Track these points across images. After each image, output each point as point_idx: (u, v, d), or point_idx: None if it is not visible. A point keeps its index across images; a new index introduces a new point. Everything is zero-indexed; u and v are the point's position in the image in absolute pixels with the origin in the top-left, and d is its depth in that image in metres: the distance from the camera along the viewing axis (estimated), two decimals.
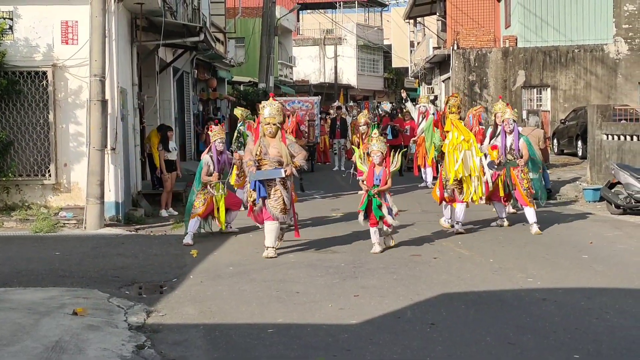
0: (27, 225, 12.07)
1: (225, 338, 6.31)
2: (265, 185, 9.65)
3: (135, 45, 14.84)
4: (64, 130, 12.92)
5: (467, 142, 11.12)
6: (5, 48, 12.52)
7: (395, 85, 58.83)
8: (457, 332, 6.42)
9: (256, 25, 31.80)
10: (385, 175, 9.69)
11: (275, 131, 9.77)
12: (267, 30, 28.44)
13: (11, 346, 5.76)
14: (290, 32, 45.98)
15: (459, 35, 30.17)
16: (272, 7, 29.09)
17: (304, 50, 53.37)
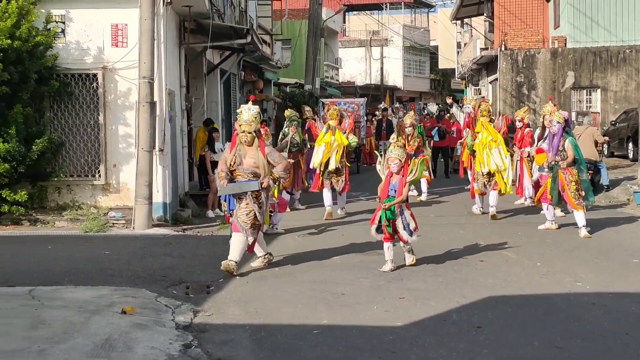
0: (77, 225, 12.29)
1: (271, 338, 6.34)
2: (235, 198, 8.97)
3: (183, 47, 15.02)
4: (113, 131, 13.14)
5: (495, 142, 12.88)
6: (58, 51, 12.78)
7: (441, 86, 58.47)
8: (504, 335, 6.36)
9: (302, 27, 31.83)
10: (401, 185, 8.73)
11: (252, 140, 8.85)
12: (314, 32, 28.49)
13: (62, 343, 5.86)
14: (336, 34, 46.00)
15: (506, 36, 29.86)
16: (318, 8, 29.13)
17: (350, 51, 53.34)
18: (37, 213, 12.74)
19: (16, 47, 11.74)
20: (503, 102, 28.53)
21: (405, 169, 8.77)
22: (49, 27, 12.60)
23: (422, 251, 9.94)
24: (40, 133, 12.49)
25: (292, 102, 27.05)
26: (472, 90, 38.25)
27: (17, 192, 12.18)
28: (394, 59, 53.64)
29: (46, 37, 12.39)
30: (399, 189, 8.70)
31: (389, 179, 8.81)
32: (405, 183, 8.70)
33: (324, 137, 13.61)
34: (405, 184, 8.70)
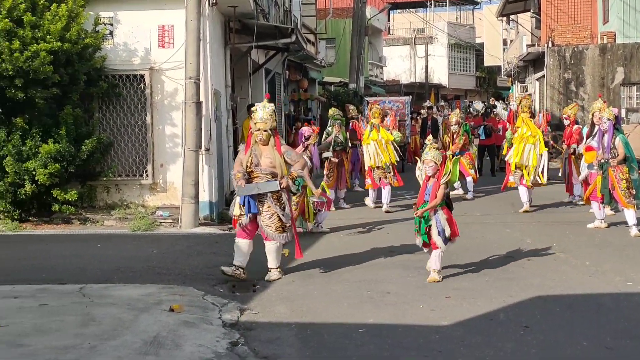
0: (125, 224, 12.48)
1: (317, 337, 6.35)
2: (256, 200, 8.45)
3: (229, 47, 15.14)
4: (160, 131, 13.31)
5: (533, 137, 13.40)
6: (106, 53, 12.99)
7: (487, 84, 57.87)
8: (552, 335, 6.28)
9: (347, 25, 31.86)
10: (436, 188, 8.22)
11: (267, 138, 8.50)
12: (358, 31, 28.46)
13: (112, 340, 5.94)
14: (380, 32, 45.86)
15: (554, 32, 29.42)
16: (362, 7, 29.10)
17: (394, 50, 53.13)
18: (86, 212, 12.98)
19: (66, 49, 11.95)
20: (550, 99, 28.13)
21: (440, 172, 8.27)
22: (98, 29, 12.81)
23: (468, 249, 9.88)
24: (90, 133, 12.71)
25: (336, 101, 27.06)
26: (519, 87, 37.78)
27: (68, 192, 12.40)
28: (439, 56, 53.27)
29: (95, 39, 12.60)
30: (433, 191, 8.21)
31: (426, 182, 8.37)
32: (440, 185, 8.18)
33: (370, 135, 13.96)
34: (439, 186, 8.18)
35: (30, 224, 12.61)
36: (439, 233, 8.19)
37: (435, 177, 8.25)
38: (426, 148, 8.48)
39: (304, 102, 27.79)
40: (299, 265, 9.32)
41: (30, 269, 9.24)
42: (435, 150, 8.35)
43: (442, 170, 8.25)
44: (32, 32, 11.77)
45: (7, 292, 7.70)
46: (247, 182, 8.41)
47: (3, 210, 12.39)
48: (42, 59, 11.52)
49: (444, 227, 8.19)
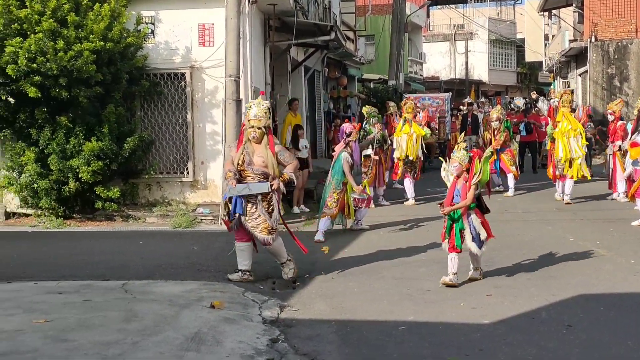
0: (167, 221, 12.61)
1: (357, 334, 6.35)
2: (243, 200, 8.19)
3: (268, 45, 15.18)
4: (200, 129, 13.41)
5: (574, 131, 13.71)
6: (147, 51, 13.13)
7: (528, 80, 57.16)
8: (596, 334, 6.19)
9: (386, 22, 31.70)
10: (465, 189, 7.85)
11: (261, 136, 8.23)
12: (397, 27, 28.32)
13: (154, 336, 6.00)
14: (420, 29, 45.58)
15: (597, 26, 28.94)
16: (402, 4, 28.94)
17: (434, 46, 52.79)
18: (128, 209, 13.14)
19: (109, 48, 12.11)
20: (593, 94, 27.70)
21: (470, 172, 7.87)
22: (139, 29, 12.95)
23: (509, 247, 9.79)
24: (132, 131, 12.86)
25: (375, 98, 26.98)
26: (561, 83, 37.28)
27: (110, 189, 12.58)
28: (479, 52, 52.78)
29: (137, 38, 12.75)
30: (463, 193, 7.84)
31: (455, 184, 7.97)
32: (470, 186, 7.80)
33: (402, 129, 14.51)
34: (469, 187, 7.81)
35: (74, 221, 12.81)
36: (473, 238, 7.87)
37: (463, 179, 7.89)
38: (455, 147, 8.15)
39: (343, 99, 27.76)
40: (338, 262, 9.33)
41: (74, 265, 9.38)
42: (463, 151, 7.95)
43: (472, 170, 7.85)
44: (76, 32, 11.96)
45: (52, 288, 7.84)
46: (238, 181, 8.15)
47: (48, 207, 12.60)
48: (86, 58, 11.70)
49: (479, 231, 7.88)
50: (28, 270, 9.00)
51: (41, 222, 12.67)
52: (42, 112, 12.21)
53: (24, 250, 10.53)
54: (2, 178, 12.73)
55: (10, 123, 12.38)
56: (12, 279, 8.46)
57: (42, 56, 11.61)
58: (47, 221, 12.58)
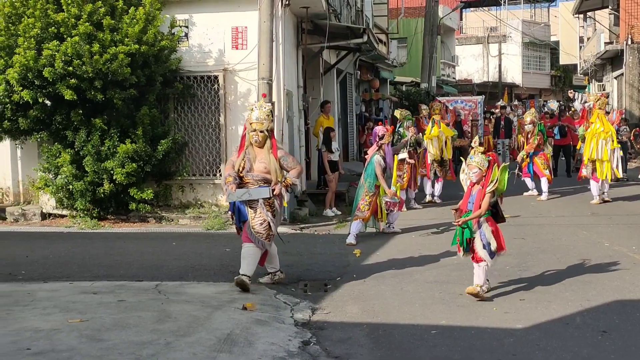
0: (199, 223, 12.69)
1: (388, 337, 6.34)
2: (246, 206, 7.94)
3: (301, 48, 15.22)
4: (233, 131, 13.47)
5: (605, 133, 13.91)
6: (181, 54, 13.24)
7: (562, 83, 56.63)
8: (632, 341, 6.10)
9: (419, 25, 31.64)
10: (480, 197, 7.39)
11: (263, 140, 7.95)
12: (430, 30, 28.24)
13: (188, 337, 6.05)
14: (453, 31, 45.38)
15: (633, 29, 28.56)
16: (435, 6, 28.85)
17: (467, 48, 52.52)
18: (162, 211, 13.25)
19: (143, 51, 12.23)
20: (629, 97, 27.34)
21: (487, 179, 7.42)
22: (174, 32, 13.05)
23: (543, 251, 9.70)
24: (165, 134, 12.97)
25: (407, 100, 26.93)
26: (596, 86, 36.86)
27: (144, 191, 12.69)
28: (513, 55, 52.39)
29: (171, 41, 12.85)
30: (477, 200, 7.38)
31: (470, 189, 7.55)
32: (485, 194, 7.34)
33: (432, 131, 14.85)
34: (484, 195, 7.35)
35: (108, 222, 12.95)
36: (483, 246, 7.42)
37: (480, 185, 7.46)
38: (471, 152, 7.66)
39: (375, 102, 27.74)
40: (370, 265, 9.32)
41: (108, 265, 9.48)
42: (481, 155, 7.51)
43: (489, 177, 7.41)
44: (111, 35, 12.10)
45: (87, 288, 7.94)
46: (238, 186, 7.88)
47: (83, 208, 12.75)
48: (121, 61, 11.82)
49: (490, 241, 7.39)
50: (64, 270, 9.12)
51: (76, 223, 12.82)
52: (77, 114, 12.36)
53: (59, 250, 10.66)
54: (39, 179, 12.91)
55: (47, 125, 12.56)
56: (48, 278, 8.60)
57: (78, 59, 11.75)
58: (82, 222, 12.73)
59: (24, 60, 11.67)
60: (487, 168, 7.42)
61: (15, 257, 10.10)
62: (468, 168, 7.55)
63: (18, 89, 11.92)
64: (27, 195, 14.18)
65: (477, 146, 7.67)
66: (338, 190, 14.64)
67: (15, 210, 13.62)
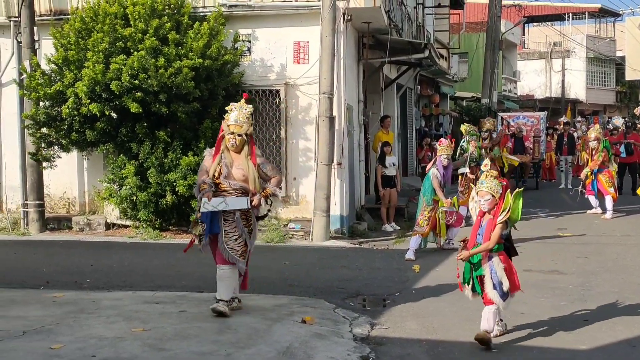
0: (259, 235, 12.68)
1: (448, 355, 6.28)
2: (220, 218, 7.18)
3: (362, 63, 15.26)
4: (294, 145, 13.56)
5: None
6: (244, 68, 13.40)
7: (628, 99, 55.34)
8: None
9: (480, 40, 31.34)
10: (490, 228, 6.46)
11: (241, 145, 7.22)
12: (492, 45, 27.97)
13: (247, 349, 6.10)
14: (515, 46, 44.89)
15: None
16: (497, 21, 28.56)
17: (529, 64, 51.83)
18: None
19: (207, 65, 12.42)
20: None
21: (498, 207, 6.49)
22: (237, 46, 13.23)
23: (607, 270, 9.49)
24: None
25: (468, 116, 26.69)
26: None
27: None
28: (576, 70, 51.47)
29: (234, 56, 13.02)
30: (487, 232, 6.46)
31: (480, 219, 6.64)
32: (495, 225, 6.41)
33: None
34: (494, 226, 6.41)
35: (170, 233, 13.14)
36: (494, 286, 6.50)
37: (491, 214, 6.53)
38: (482, 176, 6.70)
39: (435, 117, 27.58)
40: (429, 281, 9.25)
41: (170, 276, 9.63)
42: (493, 180, 6.54)
43: (500, 205, 6.47)
44: (176, 50, 12.32)
45: (150, 298, 8.09)
46: (214, 195, 7.14)
47: (146, 219, 12.95)
48: (185, 75, 12.03)
49: (501, 279, 6.45)
50: (127, 279, 9.30)
51: (139, 233, 13.05)
52: (142, 127, 12.60)
53: (123, 260, 10.86)
54: (104, 190, 13.18)
55: (112, 137, 12.84)
56: (112, 287, 8.81)
57: (144, 73, 11.99)
58: (145, 232, 12.95)
59: (93, 74, 11.97)
60: (500, 195, 6.51)
61: (80, 266, 10.36)
62: (478, 195, 6.59)
63: (86, 101, 12.22)
64: (92, 205, 14.50)
65: (488, 170, 6.69)
66: (397, 206, 14.57)
67: (81, 220, 13.96)
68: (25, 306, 7.66)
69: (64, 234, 13.75)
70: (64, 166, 14.04)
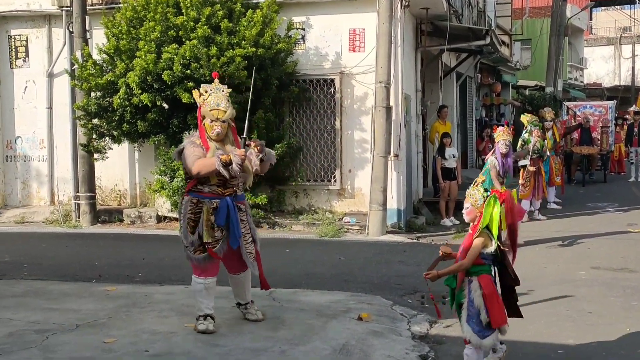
0: (313, 229, 12.52)
1: (512, 355, 5.87)
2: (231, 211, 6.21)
3: (420, 50, 14.90)
4: (349, 136, 13.25)
5: None
6: (298, 57, 13.14)
7: None
8: None
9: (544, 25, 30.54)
10: (467, 243, 5.28)
11: (225, 132, 6.25)
12: (556, 31, 27.16)
13: (302, 346, 5.99)
14: (581, 32, 43.65)
15: None
16: (562, 6, 27.73)
17: (596, 50, 50.51)
18: (275, 216, 13.16)
19: (260, 54, 12.19)
20: None
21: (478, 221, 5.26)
22: (290, 34, 12.96)
23: None
24: (280, 138, 12.87)
25: (531, 105, 26.01)
26: None
27: (258, 196, 12.61)
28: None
29: (287, 44, 12.75)
30: (464, 248, 5.28)
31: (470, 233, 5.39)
32: (472, 241, 5.22)
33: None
34: (471, 241, 5.23)
35: None
36: (468, 317, 5.23)
37: (471, 228, 5.34)
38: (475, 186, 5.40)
39: (497, 106, 26.94)
40: None
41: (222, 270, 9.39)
42: (477, 188, 5.33)
43: (480, 219, 5.25)
44: (229, 38, 12.13)
45: None
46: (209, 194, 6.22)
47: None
48: (237, 64, 11.81)
49: (479, 309, 5.16)
50: (178, 273, 9.14)
51: None
52: (194, 117, 12.41)
53: (174, 253, 10.68)
54: (155, 182, 13.08)
55: (164, 128, 12.70)
56: (164, 281, 8.71)
57: (196, 62, 11.84)
58: None
59: (144, 63, 11.87)
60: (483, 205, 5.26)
61: (132, 259, 10.32)
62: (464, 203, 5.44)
63: (138, 92, 12.13)
64: (143, 197, 14.46)
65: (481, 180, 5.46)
66: (457, 199, 14.08)
67: (132, 213, 13.91)
68: (79, 299, 7.66)
69: (115, 227, 13.76)
70: (116, 158, 14.05)
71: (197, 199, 6.21)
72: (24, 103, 15.14)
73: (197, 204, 6.20)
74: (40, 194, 15.23)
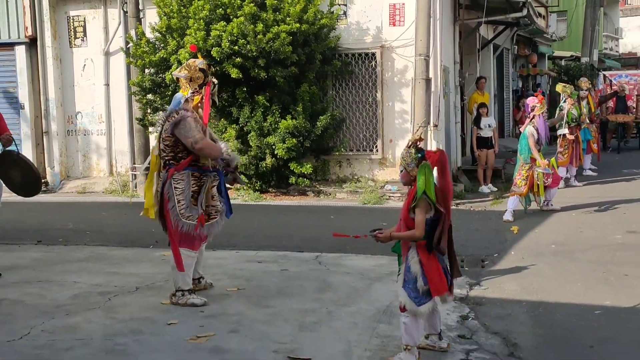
0: (356, 197, 12.95)
1: (549, 316, 6.23)
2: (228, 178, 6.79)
3: (457, 23, 15.10)
4: (389, 108, 13.62)
5: None
6: (340, 32, 13.49)
7: None
8: None
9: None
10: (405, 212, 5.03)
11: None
12: (592, 2, 26.99)
13: (347, 307, 6.29)
14: (617, 2, 43.01)
15: None
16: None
17: (632, 20, 49.58)
18: (320, 185, 13.62)
19: (304, 30, 12.56)
20: None
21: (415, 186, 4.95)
22: (333, 10, 13.29)
23: None
24: (324, 110, 13.28)
25: (567, 75, 25.97)
26: None
27: (303, 165, 13.06)
28: None
29: (330, 20, 13.10)
30: (403, 216, 5.08)
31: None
32: (407, 208, 4.98)
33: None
34: (406, 211, 5.00)
35: (269, 195, 13.45)
36: (405, 283, 5.01)
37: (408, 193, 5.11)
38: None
39: (533, 77, 26.94)
40: (528, 242, 9.20)
41: (271, 236, 9.91)
42: (408, 151, 5.02)
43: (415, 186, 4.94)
44: (274, 15, 12.51)
45: (252, 257, 8.41)
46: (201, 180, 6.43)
47: (246, 181, 13.28)
48: (282, 40, 12.21)
49: (415, 276, 4.96)
50: (230, 239, 9.54)
51: (240, 195, 13.39)
52: (242, 91, 12.89)
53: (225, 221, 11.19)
54: None
55: (213, 102, 13.11)
56: (216, 247, 8.96)
57: (243, 39, 12.23)
58: (246, 194, 13.29)
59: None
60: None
61: None
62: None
63: None
64: None
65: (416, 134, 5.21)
66: (494, 167, 14.43)
67: None
68: (138, 264, 8.07)
69: None
70: None
71: (199, 173, 6.39)
72: (83, 80, 15.72)
73: (199, 178, 6.38)
74: (99, 166, 15.85)
